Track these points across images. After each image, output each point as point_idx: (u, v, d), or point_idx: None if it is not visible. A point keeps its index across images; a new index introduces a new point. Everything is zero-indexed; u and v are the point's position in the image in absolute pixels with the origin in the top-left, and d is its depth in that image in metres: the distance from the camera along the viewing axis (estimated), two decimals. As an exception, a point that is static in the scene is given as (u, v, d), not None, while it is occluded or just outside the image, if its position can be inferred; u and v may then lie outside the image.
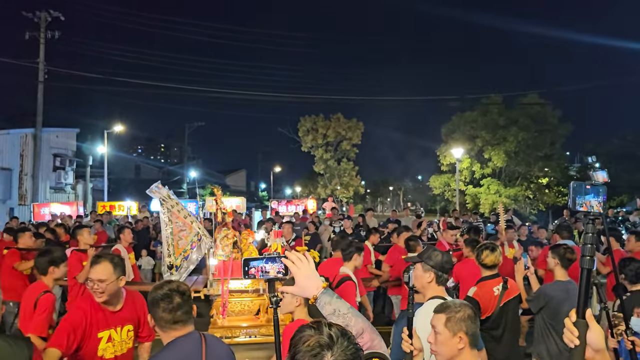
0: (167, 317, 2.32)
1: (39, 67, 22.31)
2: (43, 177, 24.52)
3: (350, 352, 1.34)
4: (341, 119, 36.44)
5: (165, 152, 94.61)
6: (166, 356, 2.27)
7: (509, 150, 27.90)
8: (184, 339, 2.33)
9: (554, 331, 4.26)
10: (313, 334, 1.37)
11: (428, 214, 38.79)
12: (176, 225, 5.50)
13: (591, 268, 1.52)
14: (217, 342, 2.52)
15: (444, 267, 3.16)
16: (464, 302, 2.51)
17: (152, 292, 2.40)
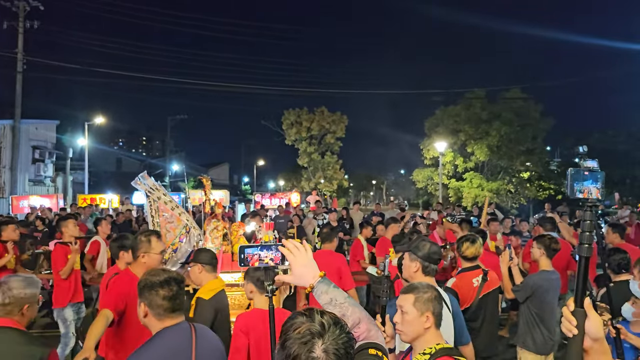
0: (166, 305, 2.28)
1: (17, 58, 21.84)
2: (22, 169, 24.06)
3: (341, 340, 1.33)
4: (325, 112, 36.38)
5: (147, 145, 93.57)
6: (157, 345, 2.22)
7: (492, 144, 28.15)
8: (174, 328, 2.29)
9: (539, 320, 4.35)
10: (304, 321, 1.34)
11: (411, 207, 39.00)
12: (163, 217, 5.40)
13: (589, 256, 1.51)
14: (207, 332, 2.48)
15: (431, 257, 3.19)
16: (430, 284, 2.53)
17: (148, 277, 2.34)
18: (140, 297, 2.32)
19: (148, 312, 2.29)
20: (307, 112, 36.51)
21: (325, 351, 1.30)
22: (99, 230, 7.42)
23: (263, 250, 2.05)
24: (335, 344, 1.31)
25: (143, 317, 2.31)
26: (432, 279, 3.18)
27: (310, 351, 1.29)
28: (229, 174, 62.01)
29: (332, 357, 1.29)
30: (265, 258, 2.06)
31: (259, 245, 2.07)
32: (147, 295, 2.29)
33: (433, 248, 3.20)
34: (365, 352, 1.64)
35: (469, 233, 4.55)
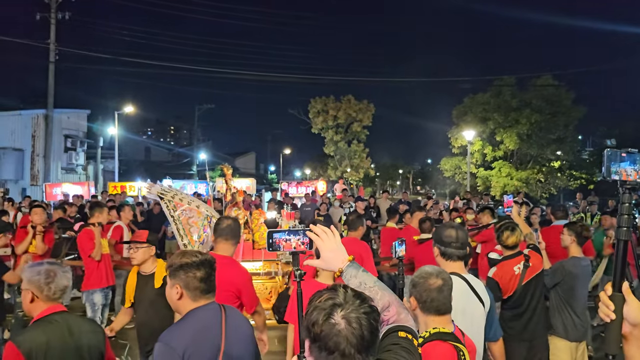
0: (202, 286, 2.32)
1: (49, 48, 22.29)
2: (54, 157, 24.66)
3: (363, 310, 1.35)
4: (352, 100, 36.13)
5: (175, 134, 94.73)
6: (189, 322, 2.28)
7: (522, 132, 27.57)
8: (205, 307, 2.33)
9: (569, 307, 4.32)
10: (328, 293, 1.39)
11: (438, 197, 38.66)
12: (183, 213, 5.44)
13: (628, 239, 1.46)
14: (236, 313, 2.51)
15: (444, 241, 3.10)
16: (433, 269, 2.52)
17: (182, 257, 2.36)
18: (173, 278, 2.33)
19: (183, 294, 2.31)
20: (334, 100, 36.34)
21: (344, 318, 1.32)
22: (122, 216, 7.60)
23: (291, 235, 2.04)
24: (357, 312, 1.34)
25: (177, 299, 2.33)
26: (456, 264, 3.08)
27: (329, 317, 1.33)
28: (256, 163, 62.36)
29: (353, 325, 1.32)
30: (293, 243, 2.05)
31: (287, 230, 2.07)
32: (183, 277, 2.31)
33: (448, 232, 3.11)
34: (395, 334, 1.64)
35: (508, 221, 4.43)
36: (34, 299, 2.50)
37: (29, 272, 2.55)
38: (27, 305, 2.53)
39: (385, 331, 1.65)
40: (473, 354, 2.49)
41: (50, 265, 2.58)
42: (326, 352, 1.32)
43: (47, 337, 2.37)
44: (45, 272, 2.51)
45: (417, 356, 1.62)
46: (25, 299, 2.53)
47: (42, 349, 2.32)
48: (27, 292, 2.51)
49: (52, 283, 2.51)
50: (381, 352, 1.55)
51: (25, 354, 2.28)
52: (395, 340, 1.61)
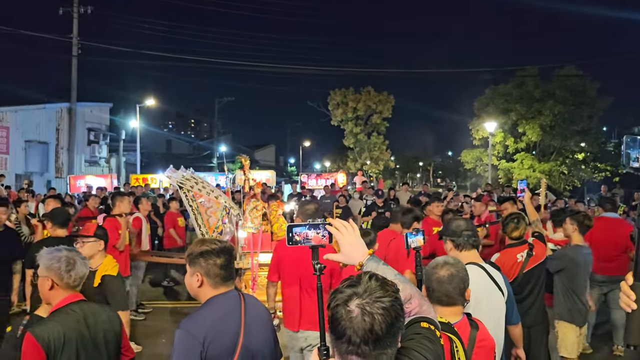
0: (223, 274, 2.33)
1: (72, 42, 22.60)
2: (78, 150, 25.08)
3: (381, 303, 1.34)
4: (372, 92, 35.89)
5: (195, 127, 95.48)
6: (209, 309, 2.30)
7: (545, 124, 27.08)
8: (225, 295, 2.35)
9: (573, 292, 4.50)
10: (352, 281, 1.40)
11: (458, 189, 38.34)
12: (201, 204, 5.47)
13: None
14: (255, 301, 2.52)
15: (456, 232, 3.14)
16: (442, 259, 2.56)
17: (202, 245, 2.37)
18: (194, 266, 2.33)
19: (204, 281, 2.32)
20: (354, 92, 36.15)
21: (359, 307, 1.32)
22: (140, 208, 7.72)
23: (311, 229, 2.01)
24: (372, 304, 1.33)
25: (197, 287, 2.33)
26: (471, 253, 3.09)
27: (345, 302, 1.34)
28: (275, 155, 62.56)
29: (366, 317, 1.31)
30: (312, 237, 2.04)
31: (307, 224, 2.04)
32: (204, 265, 2.31)
33: (456, 223, 3.18)
34: (418, 325, 1.65)
35: (514, 212, 4.46)
36: (54, 286, 2.49)
37: (48, 258, 2.51)
38: (46, 293, 2.51)
39: (408, 322, 1.66)
40: (489, 350, 2.45)
41: (69, 252, 2.56)
42: (335, 336, 1.35)
43: (64, 329, 2.37)
44: (65, 259, 2.50)
45: (440, 346, 1.63)
46: (43, 286, 2.50)
47: (60, 341, 2.32)
48: (47, 280, 2.49)
49: (73, 271, 2.50)
50: (404, 341, 1.56)
51: (44, 346, 2.28)
52: (418, 330, 1.63)
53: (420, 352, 1.53)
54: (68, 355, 2.34)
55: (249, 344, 2.29)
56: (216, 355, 2.18)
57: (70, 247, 2.64)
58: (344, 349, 1.33)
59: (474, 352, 2.34)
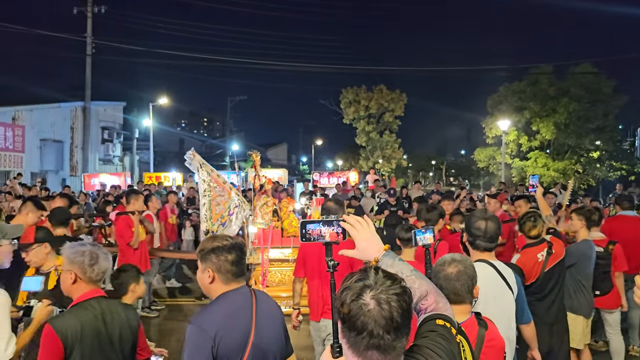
0: (234, 270, 2.34)
1: (86, 41, 22.83)
2: (92, 149, 25.35)
3: (393, 291, 1.34)
4: (384, 90, 35.78)
5: (208, 125, 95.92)
6: (220, 307, 2.30)
7: (559, 122, 26.79)
8: (236, 291, 2.35)
9: (583, 286, 4.66)
10: (360, 275, 1.39)
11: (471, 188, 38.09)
12: (215, 190, 5.52)
13: None
14: (266, 297, 2.53)
15: (471, 232, 3.11)
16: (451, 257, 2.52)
17: (213, 242, 2.38)
18: (205, 262, 2.34)
19: (215, 277, 2.33)
20: (366, 90, 36.08)
21: (374, 299, 1.32)
22: (149, 206, 7.77)
23: (324, 225, 1.99)
24: (386, 293, 1.33)
25: (209, 283, 2.34)
26: (484, 254, 3.06)
27: (358, 298, 1.33)
28: (288, 153, 62.68)
29: (383, 305, 1.31)
30: (326, 233, 2.02)
31: (320, 221, 2.01)
32: (215, 261, 2.32)
33: (477, 223, 3.10)
34: (433, 322, 1.64)
35: (531, 211, 4.41)
36: (77, 280, 2.52)
37: (72, 252, 2.54)
38: (69, 287, 2.53)
39: (423, 319, 1.66)
40: (499, 350, 2.42)
41: (93, 247, 2.59)
42: (355, 332, 1.32)
43: (82, 323, 2.40)
44: (89, 254, 2.53)
45: (455, 344, 1.61)
46: (66, 280, 2.52)
47: (77, 335, 2.36)
48: (70, 274, 2.51)
49: (96, 265, 2.53)
50: (418, 339, 1.56)
51: (62, 338, 2.33)
52: (433, 327, 1.61)
53: (433, 350, 1.52)
54: (83, 350, 2.37)
55: (260, 340, 2.29)
56: (227, 350, 2.19)
57: (93, 242, 2.69)
58: (365, 343, 1.32)
59: (483, 352, 2.31)
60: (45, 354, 2.35)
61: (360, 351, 1.33)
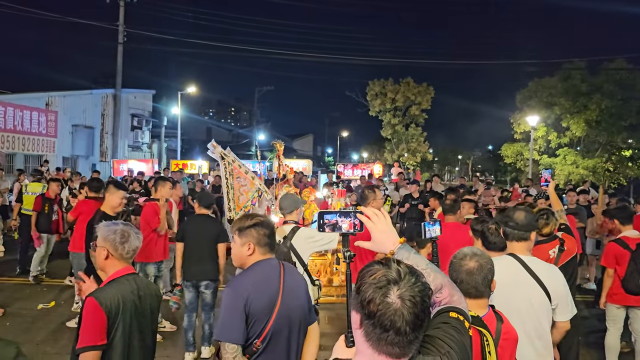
0: (270, 243, 2.67)
1: (118, 30, 23.23)
2: (122, 135, 25.86)
3: (417, 288, 1.34)
4: (411, 83, 35.50)
5: (235, 115, 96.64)
6: (252, 274, 2.61)
7: (590, 118, 26.16)
8: (267, 261, 2.65)
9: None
10: (381, 269, 1.37)
11: (498, 184, 37.60)
12: (237, 180, 5.62)
13: None
14: (293, 269, 2.85)
15: (504, 220, 3.17)
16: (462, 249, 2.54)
17: (252, 219, 2.69)
18: (245, 236, 2.64)
19: (255, 249, 2.63)
20: (393, 82, 35.83)
21: (400, 297, 1.31)
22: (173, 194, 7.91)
23: (341, 216, 2.05)
24: (411, 290, 1.32)
25: (248, 255, 2.63)
26: (516, 245, 3.11)
27: (385, 295, 1.31)
28: (313, 145, 62.78)
29: (408, 303, 1.31)
30: (343, 224, 2.08)
31: (338, 212, 2.09)
32: (255, 235, 2.63)
33: (510, 212, 3.18)
34: (446, 314, 1.65)
35: (544, 208, 4.39)
36: (109, 256, 2.71)
37: (106, 230, 2.73)
38: (102, 262, 2.72)
39: (437, 311, 1.66)
40: (513, 342, 2.46)
41: (125, 226, 2.77)
42: (381, 329, 1.32)
43: (122, 296, 2.59)
44: (120, 232, 2.71)
45: (467, 337, 1.62)
46: (100, 256, 2.71)
47: (118, 307, 2.54)
48: (103, 250, 2.70)
49: (127, 243, 2.70)
50: (430, 330, 1.56)
51: (106, 310, 2.48)
52: (446, 319, 1.63)
53: (444, 341, 1.53)
54: (124, 320, 2.55)
55: (286, 306, 2.57)
56: (257, 311, 2.50)
57: (125, 222, 2.85)
58: (390, 340, 1.32)
59: (500, 345, 2.34)
60: (89, 325, 2.47)
61: (382, 346, 1.33)
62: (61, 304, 7.23)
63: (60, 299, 7.44)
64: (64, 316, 6.59)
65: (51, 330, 6.17)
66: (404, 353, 1.34)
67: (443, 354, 1.50)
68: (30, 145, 20.34)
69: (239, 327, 2.46)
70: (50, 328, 6.25)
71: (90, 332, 2.44)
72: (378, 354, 1.35)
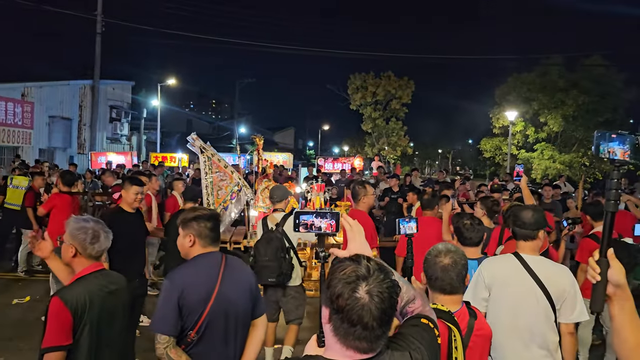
0: (212, 235, 2.72)
1: (97, 20, 22.80)
2: (100, 127, 25.49)
3: (385, 284, 1.37)
4: (392, 77, 35.53)
5: (216, 107, 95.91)
6: (190, 266, 2.69)
7: (567, 114, 26.61)
8: (208, 255, 2.71)
9: None
10: (351, 265, 1.40)
11: (477, 178, 38.04)
12: (216, 174, 5.61)
13: (615, 211, 1.63)
14: (239, 263, 2.87)
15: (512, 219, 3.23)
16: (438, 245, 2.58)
17: (194, 212, 2.75)
18: (187, 228, 2.70)
19: (196, 241, 2.69)
20: (374, 76, 35.86)
21: (368, 292, 1.34)
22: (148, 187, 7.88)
23: (318, 217, 2.07)
24: (380, 286, 1.35)
25: (189, 247, 2.70)
26: (523, 244, 3.13)
27: (353, 290, 1.34)
28: (295, 138, 62.62)
29: (376, 299, 1.34)
30: (320, 224, 2.09)
31: (314, 212, 2.11)
32: (196, 227, 2.68)
33: (517, 210, 3.23)
34: (418, 319, 1.69)
35: (515, 204, 4.48)
36: (77, 255, 2.63)
37: (75, 228, 2.63)
38: (69, 259, 2.64)
39: (408, 318, 1.71)
40: (485, 339, 2.48)
41: (96, 225, 2.67)
42: (349, 324, 1.35)
43: (89, 294, 2.51)
44: (92, 232, 2.62)
45: (436, 343, 1.66)
46: (67, 253, 2.63)
47: (85, 305, 2.47)
48: (70, 247, 2.61)
49: (97, 243, 2.64)
50: (401, 329, 1.62)
51: (72, 309, 2.42)
52: (416, 322, 1.67)
53: (414, 337, 1.57)
54: (91, 318, 2.49)
55: (222, 298, 2.62)
56: (191, 303, 2.56)
57: (97, 219, 2.76)
58: (358, 335, 1.35)
59: (472, 340, 2.37)
60: (53, 325, 2.42)
61: (349, 341, 1.36)
62: (37, 298, 7.14)
63: (36, 293, 7.35)
64: (38, 311, 6.51)
65: (25, 326, 6.09)
66: (371, 348, 1.38)
67: (413, 349, 1.54)
68: (5, 136, 19.91)
69: (171, 318, 2.52)
70: (25, 323, 6.18)
71: (55, 333, 2.41)
72: (346, 348, 1.38)
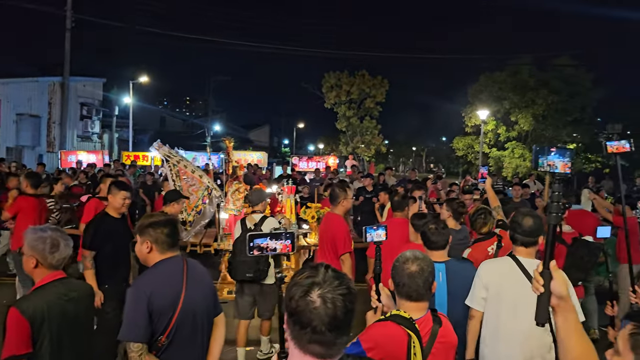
0: (169, 241, 2.72)
1: (66, 15, 22.29)
2: (70, 125, 24.94)
3: (340, 291, 1.40)
4: (366, 76, 35.71)
5: (190, 105, 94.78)
6: (155, 272, 2.69)
7: (537, 113, 27.17)
8: (169, 260, 2.73)
9: None
10: (309, 272, 1.46)
11: (450, 176, 38.55)
12: (185, 181, 5.56)
13: (557, 224, 1.65)
14: (197, 265, 2.90)
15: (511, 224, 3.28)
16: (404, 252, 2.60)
17: (150, 218, 2.76)
18: (143, 235, 2.70)
19: (153, 248, 2.69)
20: (348, 75, 35.98)
21: (320, 297, 1.38)
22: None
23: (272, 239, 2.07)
24: (333, 292, 1.39)
25: (147, 253, 2.70)
26: (520, 249, 3.19)
27: (306, 293, 1.39)
28: (270, 136, 62.38)
29: (328, 303, 1.37)
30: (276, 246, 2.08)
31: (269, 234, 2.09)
32: (152, 233, 2.69)
33: (518, 217, 3.25)
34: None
35: (481, 208, 4.56)
36: (38, 265, 2.58)
37: (34, 238, 2.58)
38: (30, 270, 2.60)
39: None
40: (449, 346, 2.49)
41: (54, 233, 2.62)
42: (299, 326, 1.39)
43: (47, 304, 2.47)
44: (50, 241, 2.57)
45: None
46: (28, 264, 2.59)
47: (43, 315, 2.44)
48: (31, 259, 2.57)
49: (57, 252, 2.59)
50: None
51: (29, 319, 2.39)
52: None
53: None
54: (51, 329, 2.45)
55: (189, 301, 2.65)
56: (160, 307, 2.56)
57: (55, 227, 2.71)
58: (308, 338, 1.38)
59: (434, 347, 2.38)
60: (12, 335, 2.39)
61: (303, 344, 1.40)
62: (3, 302, 6.98)
63: (2, 297, 7.19)
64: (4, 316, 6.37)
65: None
66: (328, 353, 1.40)
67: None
68: (-30, 134, 19.40)
69: (142, 325, 2.51)
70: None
71: (14, 342, 2.40)
72: (304, 353, 1.41)
